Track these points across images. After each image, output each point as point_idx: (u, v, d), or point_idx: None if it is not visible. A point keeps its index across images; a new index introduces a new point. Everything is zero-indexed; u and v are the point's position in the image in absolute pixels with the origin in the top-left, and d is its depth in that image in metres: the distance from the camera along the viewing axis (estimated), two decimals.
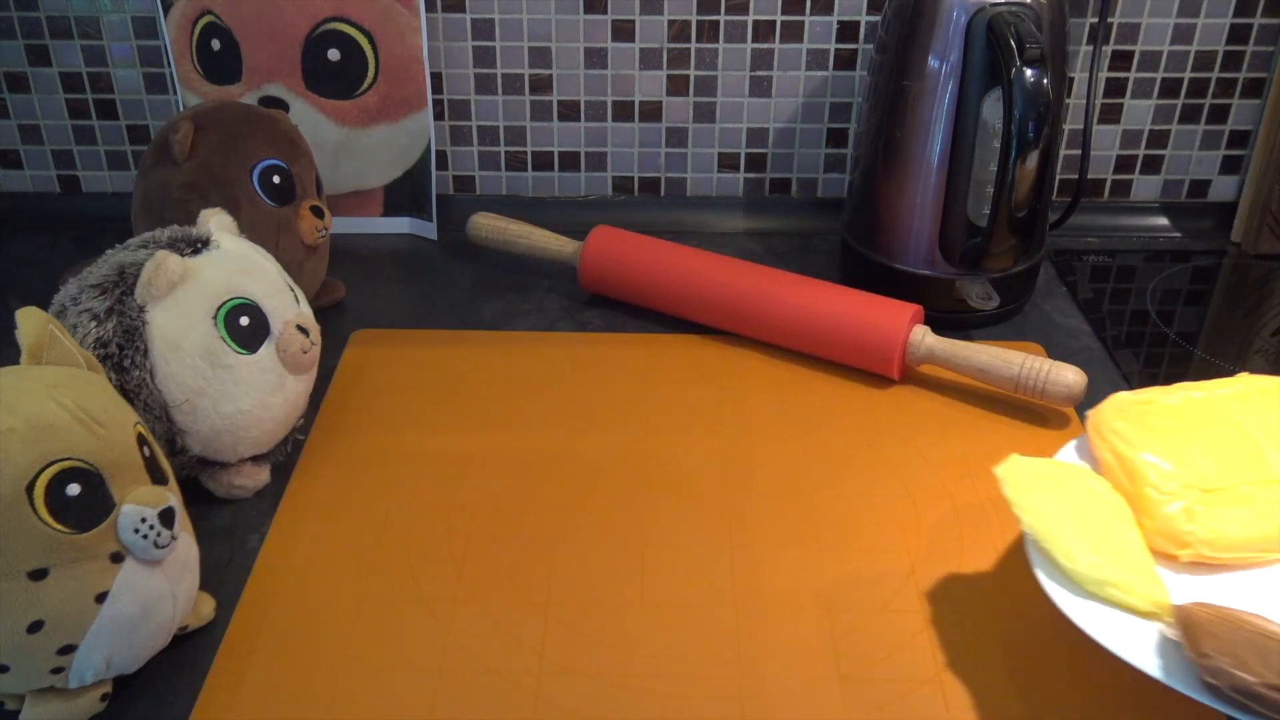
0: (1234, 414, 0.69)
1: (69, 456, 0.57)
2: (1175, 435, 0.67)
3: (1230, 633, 0.55)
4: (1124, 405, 0.70)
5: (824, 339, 0.91)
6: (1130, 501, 0.66)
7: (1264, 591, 0.63)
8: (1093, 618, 0.59)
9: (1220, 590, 0.62)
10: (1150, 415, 0.69)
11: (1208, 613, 0.57)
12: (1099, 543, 0.61)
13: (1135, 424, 0.68)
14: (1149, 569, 0.61)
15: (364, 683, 0.65)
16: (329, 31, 1.03)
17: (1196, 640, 0.54)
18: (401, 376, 0.91)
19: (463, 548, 0.74)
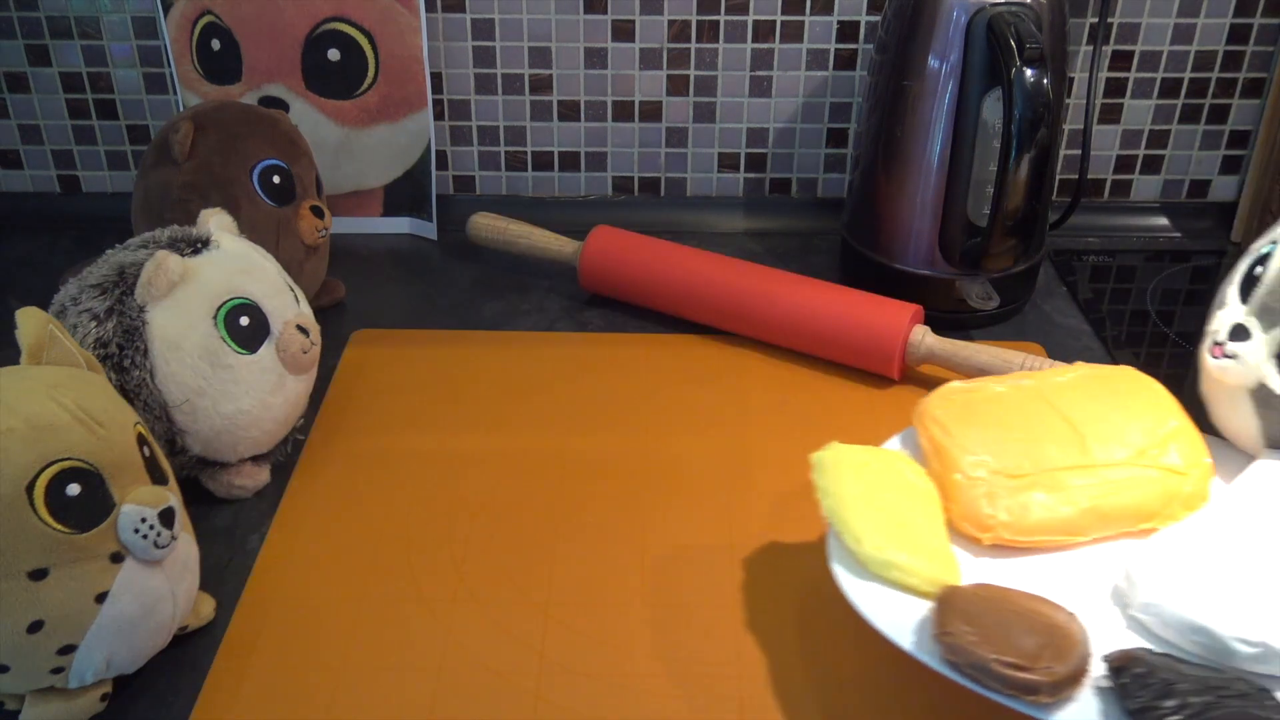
0: (1060, 402, 0.70)
1: (69, 456, 0.57)
2: (993, 423, 0.69)
3: (988, 612, 0.56)
4: (949, 394, 0.72)
5: (824, 339, 0.91)
6: (940, 487, 0.67)
7: (1060, 573, 0.64)
8: (870, 597, 0.60)
9: (1021, 572, 0.64)
10: (974, 404, 0.70)
11: (975, 593, 0.58)
12: (892, 527, 0.62)
13: (955, 412, 0.69)
14: (940, 552, 0.62)
15: (364, 683, 0.65)
16: (329, 31, 1.03)
17: (944, 619, 0.56)
18: (401, 376, 0.91)
19: (463, 548, 0.74)
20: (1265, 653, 0.55)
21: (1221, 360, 0.68)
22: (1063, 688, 0.54)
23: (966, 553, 0.66)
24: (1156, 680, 0.53)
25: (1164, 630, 0.59)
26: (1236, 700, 0.52)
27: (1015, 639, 0.54)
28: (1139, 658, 0.55)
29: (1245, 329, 0.67)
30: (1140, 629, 0.60)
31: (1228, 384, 0.69)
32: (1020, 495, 0.65)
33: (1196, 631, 0.57)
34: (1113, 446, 0.67)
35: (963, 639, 0.54)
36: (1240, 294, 0.69)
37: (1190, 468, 0.67)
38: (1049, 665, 0.53)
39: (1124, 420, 0.69)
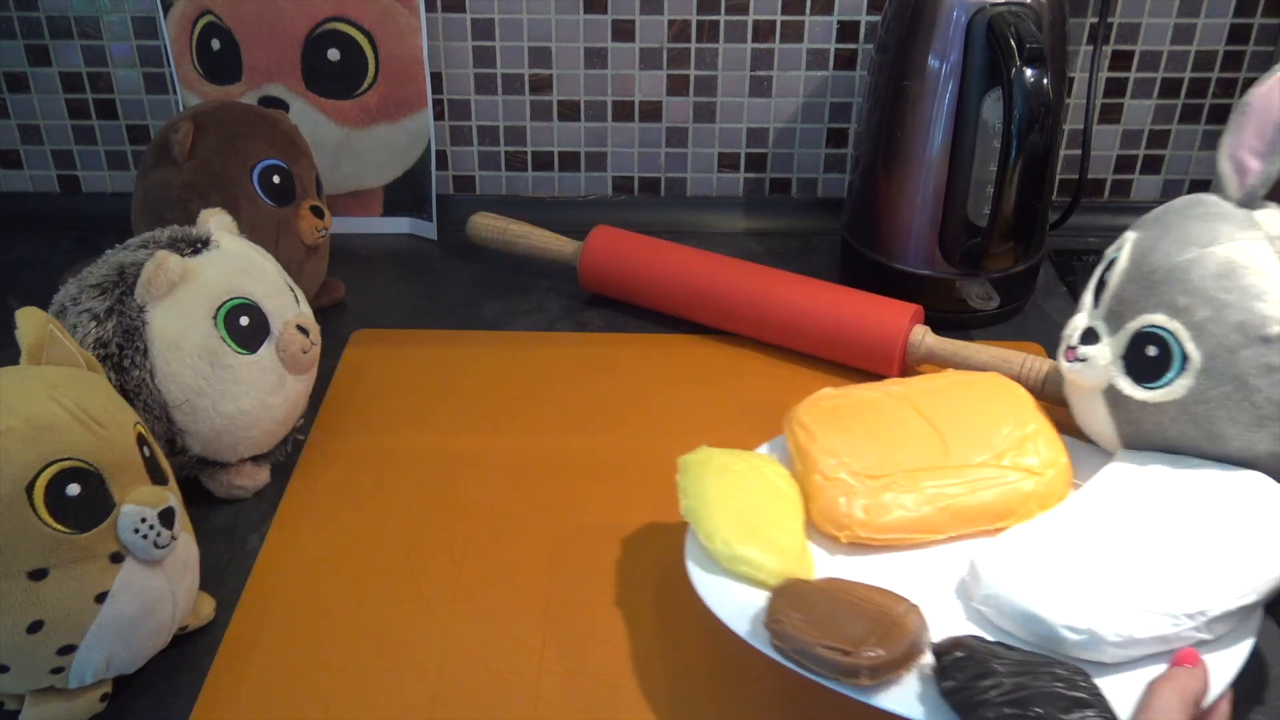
0: (925, 406, 0.73)
1: (69, 456, 0.57)
2: (857, 427, 0.72)
3: (822, 602, 0.59)
4: (819, 400, 0.75)
5: (824, 339, 0.91)
6: (803, 488, 0.70)
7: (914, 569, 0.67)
8: (718, 590, 0.63)
9: (877, 569, 0.66)
10: (841, 409, 0.73)
11: (814, 585, 0.62)
12: (746, 525, 0.65)
13: (821, 417, 0.72)
14: (792, 550, 0.65)
15: (364, 683, 0.65)
16: (329, 31, 1.03)
17: (775, 608, 0.59)
18: (401, 376, 0.91)
19: (463, 548, 0.74)
20: (1091, 639, 0.57)
21: (1074, 363, 0.71)
22: (884, 671, 0.56)
23: (824, 551, 0.68)
24: (975, 663, 0.55)
25: (1001, 620, 0.61)
26: (1051, 680, 0.54)
27: (843, 626, 0.57)
28: (962, 643, 0.57)
29: (1095, 332, 0.70)
30: (981, 620, 0.63)
31: (1082, 385, 0.71)
32: (877, 495, 0.68)
33: (1030, 620, 0.59)
34: (972, 448, 0.70)
35: (790, 626, 0.57)
36: (1094, 298, 0.72)
37: (1046, 468, 0.70)
38: (872, 650, 0.55)
39: (985, 423, 0.72)
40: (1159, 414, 0.67)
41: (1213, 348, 0.64)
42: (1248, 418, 0.65)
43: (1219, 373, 0.65)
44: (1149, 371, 0.67)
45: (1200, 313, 0.65)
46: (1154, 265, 0.67)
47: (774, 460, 0.72)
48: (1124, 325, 0.68)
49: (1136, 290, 0.68)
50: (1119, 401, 0.69)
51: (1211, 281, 0.65)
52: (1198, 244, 0.66)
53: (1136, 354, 0.67)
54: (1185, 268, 0.66)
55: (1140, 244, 0.69)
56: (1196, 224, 0.67)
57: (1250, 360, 0.64)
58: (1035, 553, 0.63)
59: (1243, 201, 0.68)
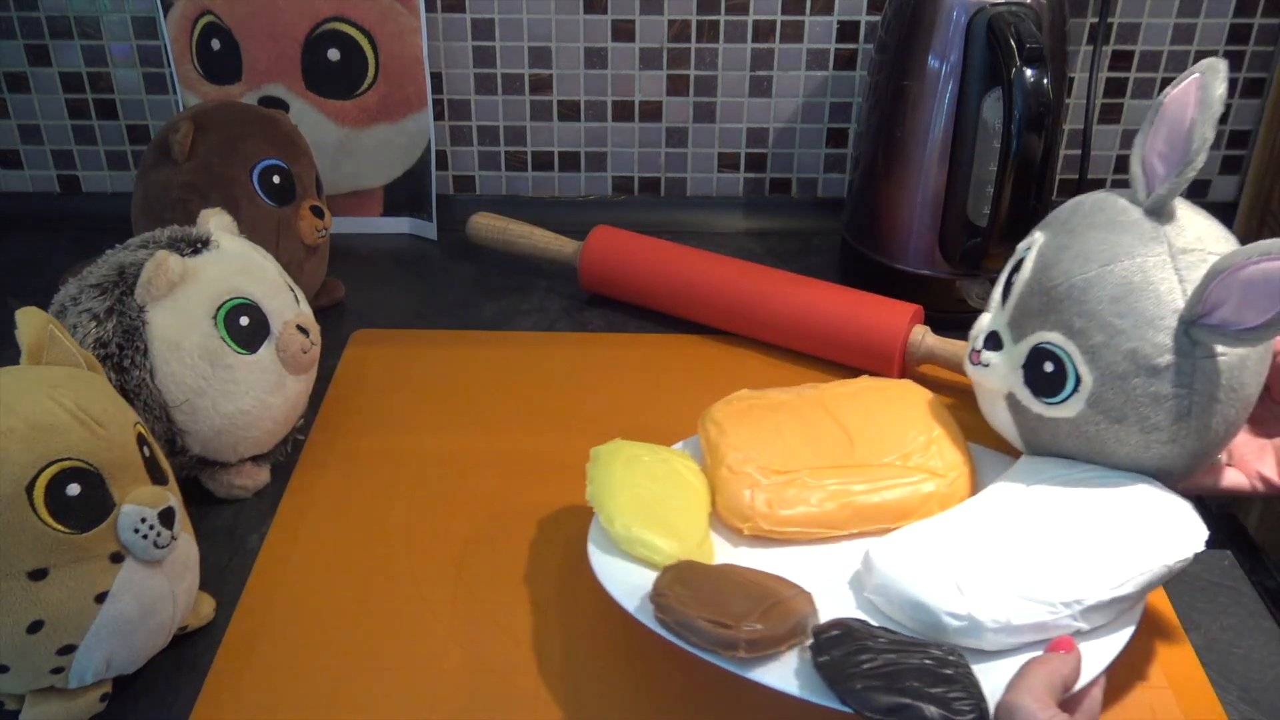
0: (837, 409, 0.75)
1: (69, 456, 0.57)
2: (768, 425, 0.73)
3: (710, 582, 0.61)
4: (733, 400, 0.76)
5: (824, 339, 0.91)
6: (711, 482, 0.72)
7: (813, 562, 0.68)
8: (614, 569, 0.65)
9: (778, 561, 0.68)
10: (754, 409, 0.75)
11: (705, 566, 0.63)
12: (648, 511, 0.67)
13: (735, 416, 0.74)
14: (691, 536, 0.67)
15: (364, 683, 0.65)
16: (329, 31, 1.03)
17: (662, 583, 0.60)
18: (401, 376, 0.91)
19: (463, 548, 0.74)
20: (972, 625, 0.59)
21: (976, 366, 0.71)
22: (763, 646, 0.57)
23: (727, 543, 0.70)
24: (852, 640, 0.57)
25: (890, 609, 0.63)
26: (923, 658, 0.56)
27: (728, 603, 0.58)
28: (843, 623, 0.59)
29: (999, 338, 0.70)
30: (872, 609, 0.64)
31: (986, 388, 0.72)
32: (782, 490, 0.70)
33: (915, 608, 0.61)
34: (879, 450, 0.72)
35: (674, 599, 0.58)
36: (1000, 298, 0.72)
37: (949, 471, 0.71)
38: (752, 625, 0.57)
39: (894, 428, 0.74)
40: (1054, 427, 0.68)
41: (1104, 373, 0.65)
42: (1135, 441, 0.66)
43: (1109, 399, 0.65)
44: (1046, 386, 0.67)
45: (1095, 337, 0.65)
46: (1054, 281, 0.67)
47: (686, 455, 0.74)
48: (1024, 337, 0.68)
49: (1038, 303, 0.68)
50: (1018, 409, 0.70)
51: (1107, 305, 0.64)
52: (1098, 261, 0.65)
53: (1035, 368, 0.68)
54: (1083, 287, 0.65)
55: (1044, 253, 0.69)
56: (1100, 234, 0.66)
57: (1139, 389, 0.64)
58: (926, 546, 0.64)
59: (1150, 208, 0.66)
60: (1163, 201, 0.66)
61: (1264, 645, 0.68)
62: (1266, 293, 0.60)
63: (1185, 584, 0.72)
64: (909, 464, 0.72)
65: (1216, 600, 0.71)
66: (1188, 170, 0.64)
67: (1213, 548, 0.75)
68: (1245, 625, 0.69)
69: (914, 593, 0.61)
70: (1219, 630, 0.69)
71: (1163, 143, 0.66)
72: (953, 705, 0.53)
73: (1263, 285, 0.60)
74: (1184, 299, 0.63)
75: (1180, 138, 0.65)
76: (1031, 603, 0.60)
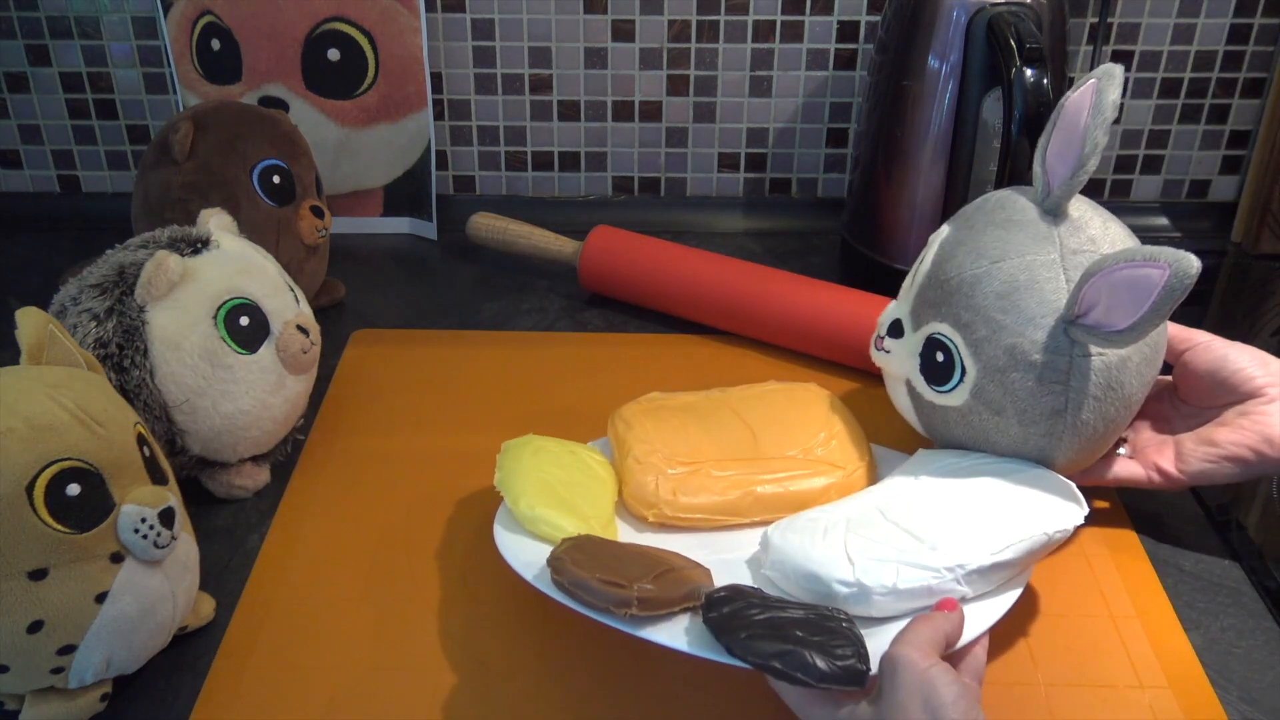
0: (742, 409, 0.77)
1: (69, 456, 0.57)
2: (675, 423, 0.76)
3: (607, 551, 0.63)
4: (643, 401, 0.79)
5: (824, 339, 0.91)
6: (618, 474, 0.74)
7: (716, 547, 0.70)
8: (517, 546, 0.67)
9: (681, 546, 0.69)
10: (663, 408, 0.78)
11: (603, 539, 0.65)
12: (552, 494, 0.69)
13: (645, 413, 0.77)
14: (597, 519, 0.69)
15: (364, 683, 0.65)
16: (329, 31, 1.03)
17: (559, 549, 0.62)
18: (401, 376, 0.91)
19: (463, 547, 0.74)
20: (861, 591, 0.62)
21: (879, 352, 0.76)
22: (655, 605, 0.59)
23: (633, 529, 0.72)
24: (742, 598, 0.59)
25: (785, 583, 0.65)
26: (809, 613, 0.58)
27: (623, 568, 0.60)
28: (734, 586, 0.61)
29: (901, 326, 0.73)
30: (769, 585, 0.66)
31: (888, 373, 0.75)
32: (686, 479, 0.72)
33: (808, 578, 0.63)
34: (781, 445, 0.75)
35: (570, 561, 0.60)
36: (909, 284, 0.74)
37: (847, 464, 0.74)
38: (645, 585, 0.58)
39: (796, 425, 0.76)
40: (945, 414, 0.71)
41: (986, 366, 0.68)
42: (1015, 433, 0.69)
43: (990, 391, 0.68)
44: (938, 375, 0.71)
45: (980, 331, 0.68)
46: (949, 274, 0.70)
47: (595, 450, 0.76)
48: (920, 327, 0.71)
49: (934, 295, 0.70)
50: (915, 395, 0.73)
51: (993, 300, 0.67)
52: (988, 258, 0.68)
53: (929, 357, 0.71)
54: (973, 282, 0.68)
55: (945, 246, 0.71)
56: (995, 232, 0.69)
57: (1017, 383, 0.67)
58: (820, 524, 0.66)
59: (1049, 208, 0.69)
60: (1059, 202, 0.69)
61: (1264, 645, 0.68)
62: (1132, 298, 0.62)
63: (1185, 584, 0.72)
64: (810, 458, 0.74)
65: (1216, 600, 0.71)
66: (1080, 173, 0.67)
67: (1213, 550, 0.75)
68: (1245, 625, 0.69)
69: (806, 564, 0.64)
70: (1219, 630, 0.69)
71: (1061, 144, 0.69)
72: (835, 651, 0.56)
73: (1127, 290, 0.62)
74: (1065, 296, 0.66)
75: (1076, 140, 0.68)
76: (917, 568, 0.62)
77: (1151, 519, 0.77)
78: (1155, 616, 0.70)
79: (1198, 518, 0.77)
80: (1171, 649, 0.67)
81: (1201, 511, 0.78)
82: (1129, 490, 0.79)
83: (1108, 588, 0.72)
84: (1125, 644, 0.68)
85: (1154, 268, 0.61)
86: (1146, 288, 0.61)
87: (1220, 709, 0.64)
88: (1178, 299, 0.61)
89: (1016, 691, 0.65)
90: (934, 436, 0.74)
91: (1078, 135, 0.68)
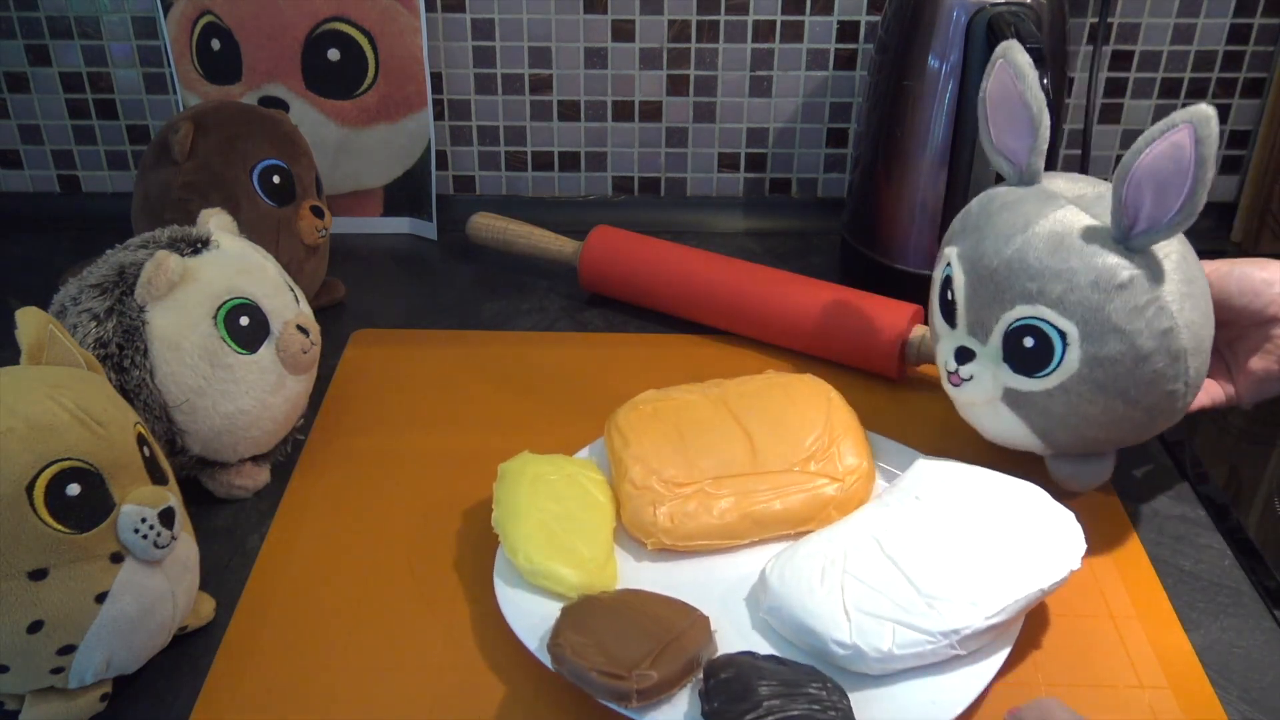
0: (740, 410, 0.77)
1: (69, 456, 0.57)
2: (671, 433, 0.75)
3: (606, 624, 0.62)
4: (639, 404, 0.78)
5: (824, 339, 0.91)
6: (616, 494, 0.74)
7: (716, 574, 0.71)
8: (519, 604, 0.67)
9: (680, 574, 0.70)
10: (659, 413, 0.77)
11: (602, 603, 0.65)
12: (551, 538, 0.68)
13: (639, 423, 0.76)
14: (593, 562, 0.68)
15: (364, 683, 0.65)
16: (329, 31, 1.03)
17: (558, 631, 0.62)
18: (401, 376, 0.91)
19: (462, 548, 0.74)
20: (856, 654, 0.62)
21: (961, 385, 0.73)
22: (654, 693, 0.59)
23: (632, 556, 0.72)
24: (740, 683, 0.59)
25: (782, 629, 0.66)
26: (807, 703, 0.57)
27: (622, 648, 0.60)
28: (733, 662, 0.61)
29: (968, 350, 0.71)
30: (766, 628, 0.67)
31: (978, 402, 0.73)
32: (683, 503, 0.72)
33: (805, 633, 0.64)
34: (780, 454, 0.74)
35: (569, 651, 0.60)
36: (945, 321, 0.74)
37: (847, 475, 0.74)
38: (645, 673, 0.59)
39: (795, 428, 0.76)
40: (1066, 395, 0.69)
41: (1083, 314, 0.66)
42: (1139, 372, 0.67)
43: (1099, 334, 0.66)
44: (1035, 362, 0.69)
45: (1054, 288, 0.67)
46: (991, 267, 0.69)
47: (592, 465, 0.76)
48: (991, 330, 0.70)
49: (987, 295, 0.69)
50: (1021, 401, 0.71)
51: (1049, 258, 0.67)
52: (1018, 231, 0.68)
53: (1016, 350, 0.69)
54: (1019, 257, 0.68)
55: (965, 255, 0.71)
56: (1004, 216, 0.70)
57: (1119, 310, 0.66)
58: (817, 563, 0.66)
59: (1028, 180, 0.71)
60: (1036, 170, 0.71)
61: (1264, 645, 0.68)
62: (1175, 172, 0.62)
63: (1185, 584, 0.72)
64: (809, 469, 0.74)
65: (1216, 600, 0.71)
66: (1039, 139, 0.69)
67: (1213, 550, 0.75)
68: (1245, 625, 0.69)
69: (804, 618, 0.64)
70: (1219, 630, 0.69)
71: (1001, 128, 0.71)
72: None
73: (1167, 169, 0.63)
74: (1107, 225, 0.66)
75: (1018, 111, 0.70)
76: (913, 632, 0.62)
77: (1151, 519, 0.77)
78: (1155, 616, 0.70)
79: (1198, 518, 0.77)
80: (1171, 649, 0.67)
81: (1202, 511, 0.78)
82: (1129, 490, 0.79)
83: (1108, 588, 0.72)
84: (1125, 644, 0.68)
85: (1176, 133, 0.62)
86: (1181, 155, 0.62)
87: (1220, 709, 0.64)
88: (1215, 150, 0.61)
89: (1017, 691, 0.65)
90: (1059, 433, 0.71)
91: (1017, 106, 0.70)
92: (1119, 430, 0.71)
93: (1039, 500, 0.69)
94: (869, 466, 0.75)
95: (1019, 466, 0.74)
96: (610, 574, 0.69)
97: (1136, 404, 0.68)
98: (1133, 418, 0.69)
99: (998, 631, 0.64)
